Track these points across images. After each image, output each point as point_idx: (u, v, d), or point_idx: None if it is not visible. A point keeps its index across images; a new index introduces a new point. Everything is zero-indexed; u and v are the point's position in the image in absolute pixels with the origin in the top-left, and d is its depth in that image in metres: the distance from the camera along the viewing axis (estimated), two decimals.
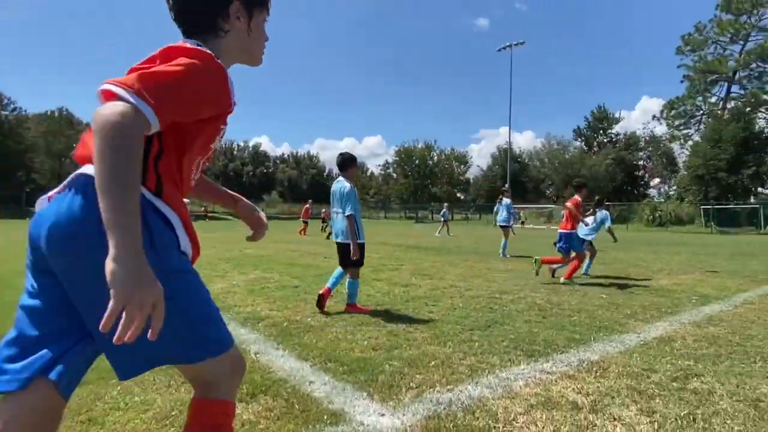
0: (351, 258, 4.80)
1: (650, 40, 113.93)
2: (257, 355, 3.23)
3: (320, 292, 4.82)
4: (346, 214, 4.76)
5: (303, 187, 77.17)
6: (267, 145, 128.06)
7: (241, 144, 74.32)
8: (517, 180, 66.82)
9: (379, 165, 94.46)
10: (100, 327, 0.89)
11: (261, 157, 74.61)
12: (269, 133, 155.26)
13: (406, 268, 8.50)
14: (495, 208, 12.77)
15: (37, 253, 1.09)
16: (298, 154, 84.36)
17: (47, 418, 1.09)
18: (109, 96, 0.98)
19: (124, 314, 0.90)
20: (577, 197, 7.31)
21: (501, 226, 11.88)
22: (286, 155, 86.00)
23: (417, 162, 76.65)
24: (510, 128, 58.36)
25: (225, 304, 4.92)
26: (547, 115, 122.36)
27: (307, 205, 23.18)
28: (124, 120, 0.92)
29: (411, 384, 2.72)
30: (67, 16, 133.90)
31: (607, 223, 7.97)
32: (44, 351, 1.06)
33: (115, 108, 0.93)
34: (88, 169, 1.06)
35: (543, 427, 2.21)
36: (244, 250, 11.67)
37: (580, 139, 69.07)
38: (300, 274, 7.38)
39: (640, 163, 63.91)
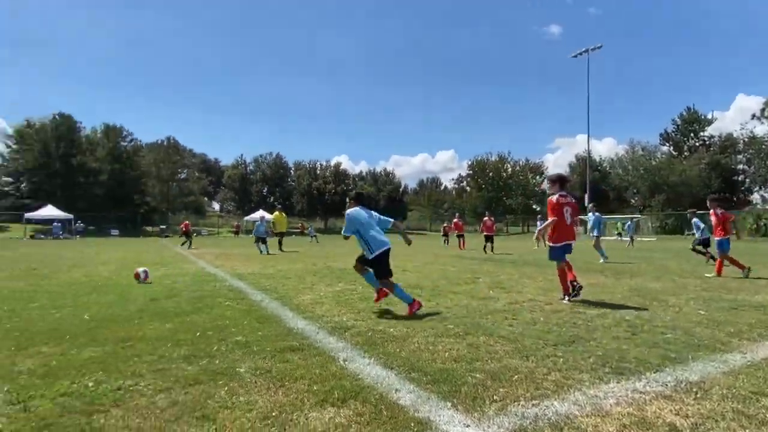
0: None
1: (744, 32, 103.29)
2: (346, 362, 3.34)
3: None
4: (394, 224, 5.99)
5: (381, 203, 78.33)
6: (347, 163, 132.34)
7: (324, 164, 77.36)
8: (598, 189, 63.04)
9: (453, 179, 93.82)
10: None
11: (341, 176, 77.02)
12: (348, 152, 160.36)
13: (483, 281, 8.35)
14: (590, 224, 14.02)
15: None
16: (375, 171, 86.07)
17: None
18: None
19: None
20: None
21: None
22: (364, 173, 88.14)
23: (491, 174, 75.07)
24: (588, 136, 55.64)
25: (314, 314, 5.14)
26: (628, 120, 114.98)
27: (456, 219, 22.62)
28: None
29: (495, 397, 2.68)
30: (171, 60, 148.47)
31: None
32: None
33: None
34: None
35: None
36: (328, 264, 12.10)
37: (667, 144, 63.92)
38: None
39: (740, 167, 57.71)
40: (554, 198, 6.10)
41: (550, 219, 6.10)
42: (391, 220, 5.91)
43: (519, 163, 76.59)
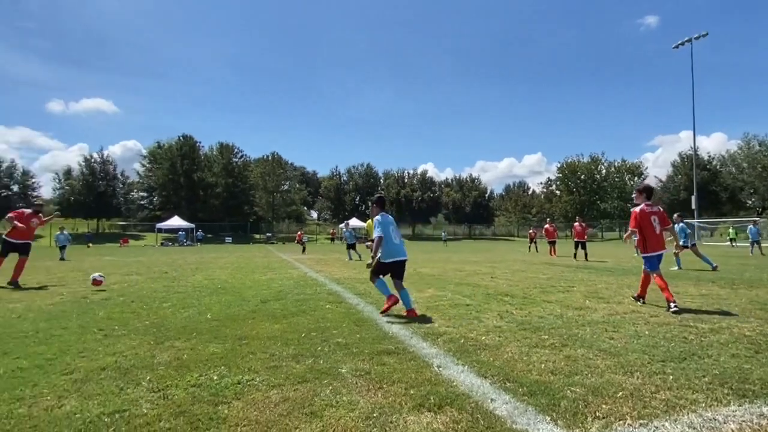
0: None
1: None
2: (440, 369, 3.34)
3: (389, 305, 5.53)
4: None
5: (466, 209, 77.05)
6: (432, 171, 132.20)
7: (411, 172, 78.03)
8: (708, 190, 56.31)
9: (541, 183, 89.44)
10: None
11: (428, 183, 77.08)
12: (434, 159, 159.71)
13: (577, 289, 7.85)
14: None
15: None
16: (461, 178, 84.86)
17: None
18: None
19: None
20: None
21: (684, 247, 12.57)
22: (449, 179, 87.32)
23: (582, 177, 70.44)
24: (694, 131, 50.12)
25: (408, 319, 5.21)
26: (741, 112, 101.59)
27: (547, 225, 20.46)
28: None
29: (597, 414, 2.51)
30: (272, 80, 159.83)
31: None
32: None
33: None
34: None
35: None
36: (417, 270, 12.16)
37: None
38: (470, 293, 7.39)
39: None
40: (637, 209, 6.12)
41: (630, 229, 6.27)
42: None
43: (614, 164, 71.01)
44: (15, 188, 62.95)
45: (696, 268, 11.75)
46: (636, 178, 69.11)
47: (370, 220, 20.36)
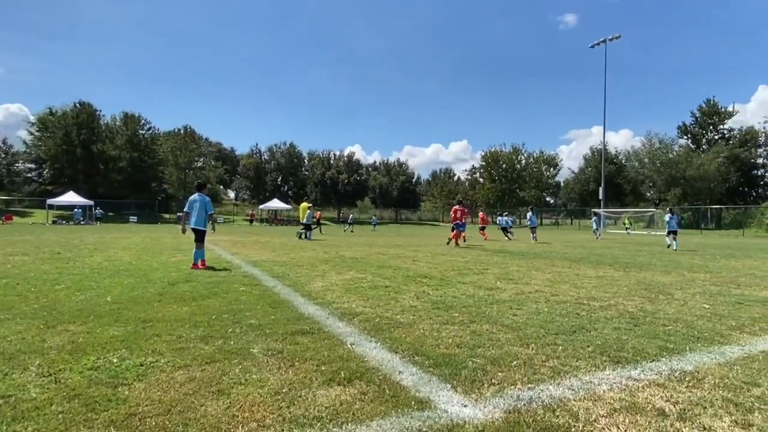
0: (204, 236, 8.62)
1: (766, 21, 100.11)
2: (353, 346, 3.49)
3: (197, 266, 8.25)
4: (209, 213, 8.71)
5: (393, 193, 78.23)
6: (360, 153, 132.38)
7: (337, 153, 77.39)
8: (613, 182, 62.15)
9: (466, 170, 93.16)
10: None
11: (355, 166, 76.99)
12: (361, 141, 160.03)
13: (491, 272, 8.44)
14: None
15: None
16: (389, 162, 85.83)
17: None
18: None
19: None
20: None
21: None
22: (377, 163, 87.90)
23: (504, 166, 74.45)
24: (604, 128, 54.68)
25: (324, 301, 5.30)
26: (646, 112, 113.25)
27: (482, 213, 23.69)
28: None
29: (493, 380, 2.81)
30: (188, 47, 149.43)
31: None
32: None
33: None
34: None
35: (625, 430, 2.19)
36: (339, 253, 12.28)
37: (686, 137, 62.39)
38: (390, 275, 7.66)
39: (759, 161, 56.29)
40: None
41: None
42: (212, 210, 8.81)
43: (533, 155, 75.83)
44: None
45: (597, 252, 13.06)
46: (552, 169, 74.46)
47: (303, 203, 20.47)
